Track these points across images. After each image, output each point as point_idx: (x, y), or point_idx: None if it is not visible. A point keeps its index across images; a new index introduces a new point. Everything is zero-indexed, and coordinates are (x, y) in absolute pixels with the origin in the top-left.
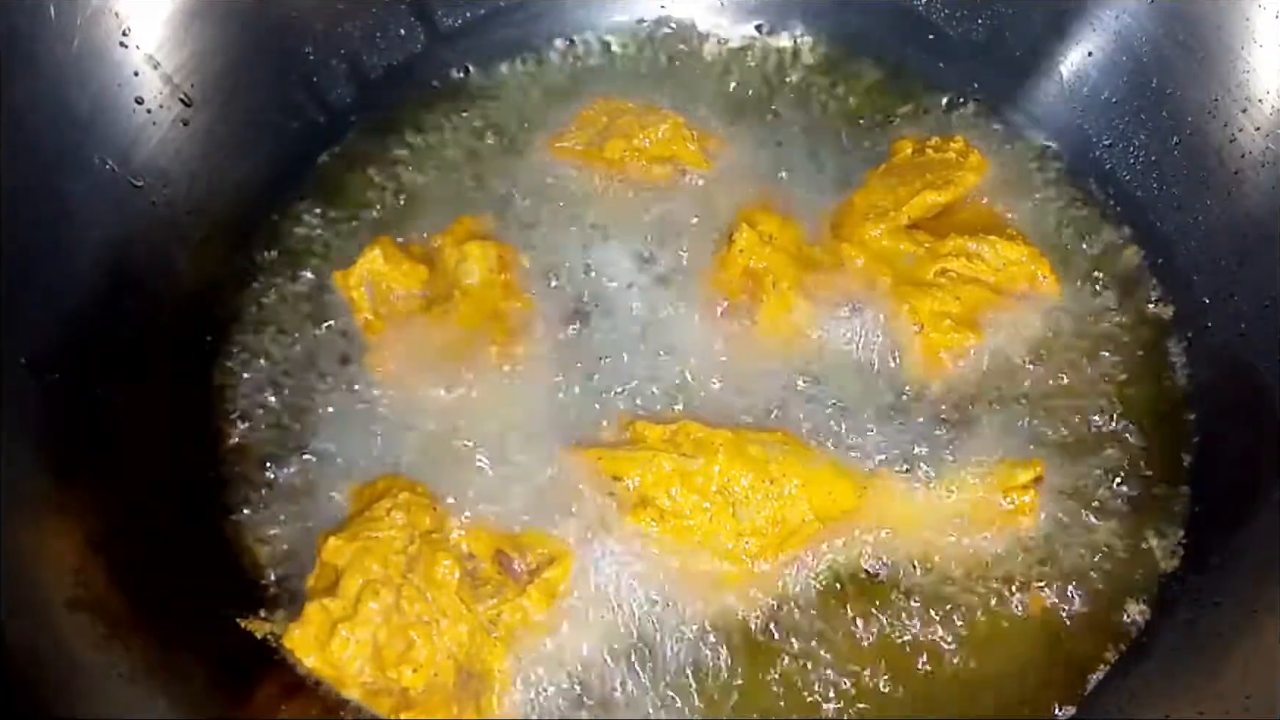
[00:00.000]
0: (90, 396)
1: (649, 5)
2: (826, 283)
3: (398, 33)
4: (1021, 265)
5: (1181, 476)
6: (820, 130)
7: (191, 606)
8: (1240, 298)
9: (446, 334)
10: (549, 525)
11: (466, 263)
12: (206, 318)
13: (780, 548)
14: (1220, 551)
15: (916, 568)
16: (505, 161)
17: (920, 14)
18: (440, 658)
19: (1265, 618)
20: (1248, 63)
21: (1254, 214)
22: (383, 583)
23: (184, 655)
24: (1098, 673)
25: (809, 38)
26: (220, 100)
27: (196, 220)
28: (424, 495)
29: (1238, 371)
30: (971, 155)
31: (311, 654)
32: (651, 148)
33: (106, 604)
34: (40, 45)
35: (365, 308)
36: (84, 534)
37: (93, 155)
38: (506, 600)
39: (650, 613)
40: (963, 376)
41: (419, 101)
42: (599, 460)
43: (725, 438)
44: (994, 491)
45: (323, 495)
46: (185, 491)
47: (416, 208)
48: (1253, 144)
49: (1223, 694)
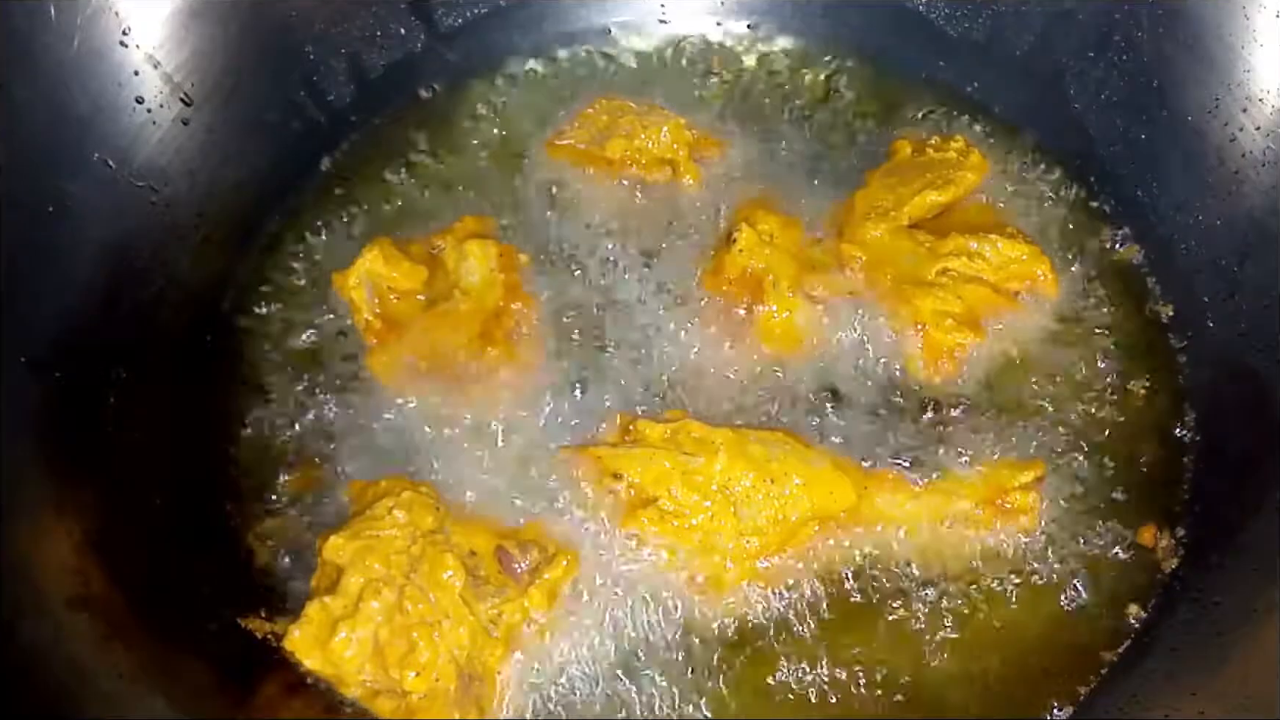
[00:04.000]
0: (90, 397)
1: (649, 5)
2: (827, 282)
3: (398, 32)
4: (1022, 264)
5: (1181, 476)
6: (820, 130)
7: (191, 606)
8: (1240, 298)
9: (447, 333)
10: (550, 524)
11: (467, 262)
12: (206, 318)
13: (781, 547)
14: (1220, 551)
15: (917, 567)
16: (506, 161)
17: (920, 14)
18: (442, 660)
19: (1265, 618)
20: (1248, 62)
21: (1254, 214)
22: (384, 581)
23: (184, 655)
24: (1098, 673)
25: (809, 38)
26: (220, 100)
27: (196, 220)
28: (427, 494)
29: (1238, 371)
30: (972, 155)
31: (312, 655)
32: (652, 148)
33: (106, 604)
34: (40, 45)
35: (364, 308)
36: (84, 534)
37: (93, 155)
38: (508, 600)
39: (651, 612)
40: (964, 376)
41: (419, 101)
42: (599, 459)
43: (726, 437)
44: (995, 491)
45: (324, 494)
46: (185, 491)
47: (417, 207)
48: (1253, 143)
49: (1223, 694)
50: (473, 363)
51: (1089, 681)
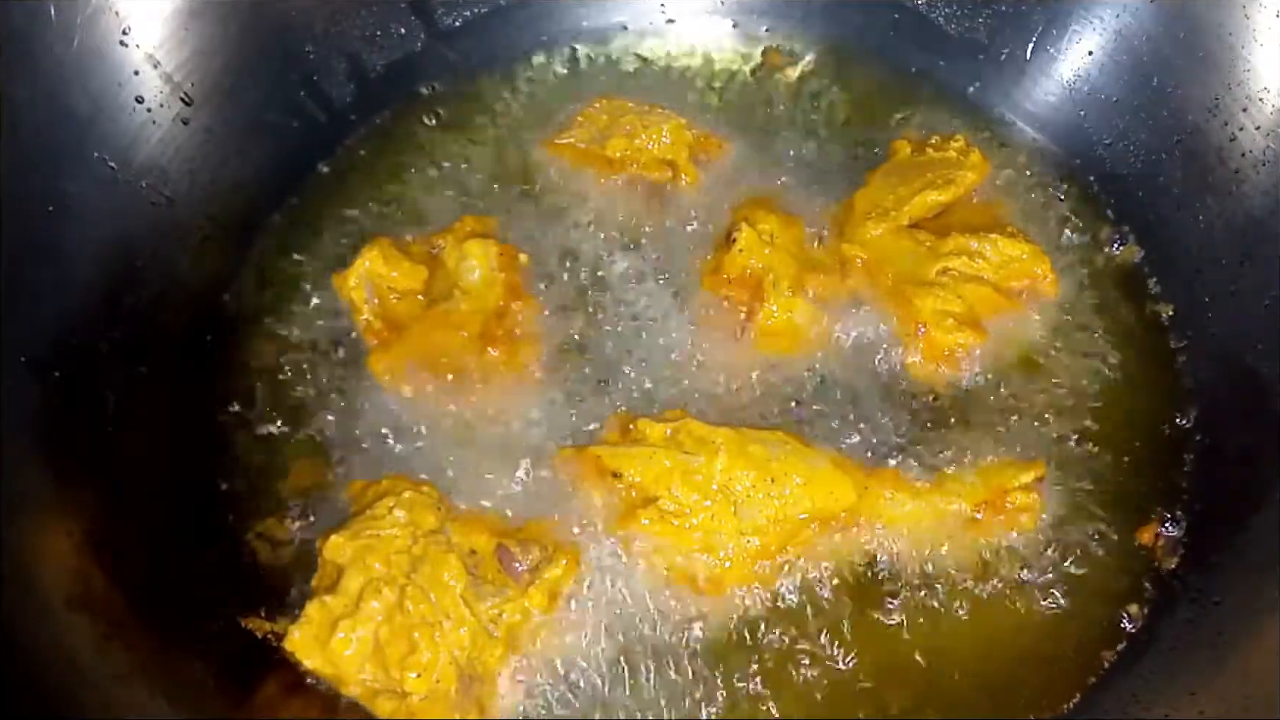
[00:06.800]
0: (90, 396)
1: (650, 5)
2: (827, 282)
3: (398, 32)
4: (1022, 263)
5: (1181, 476)
6: (820, 130)
7: (192, 606)
8: (1241, 297)
9: (447, 333)
10: (550, 523)
11: (468, 261)
12: (206, 318)
13: (781, 546)
14: (1220, 551)
15: (917, 567)
16: (506, 160)
17: (920, 14)
18: (443, 661)
19: (1265, 618)
20: (1248, 61)
21: (1254, 213)
22: (385, 581)
23: (184, 655)
24: (1098, 673)
25: (809, 38)
26: (220, 99)
27: (196, 220)
28: (428, 494)
29: (1238, 371)
30: (972, 154)
31: (312, 655)
32: (653, 148)
33: (106, 604)
34: (40, 45)
35: (364, 308)
36: (84, 534)
37: (93, 154)
38: (508, 600)
39: (651, 612)
40: (964, 375)
41: (419, 100)
42: (599, 458)
43: (726, 436)
44: (995, 491)
45: (324, 494)
46: (185, 491)
47: (417, 207)
48: (1253, 143)
49: (1223, 694)
50: (473, 363)
51: (1089, 681)
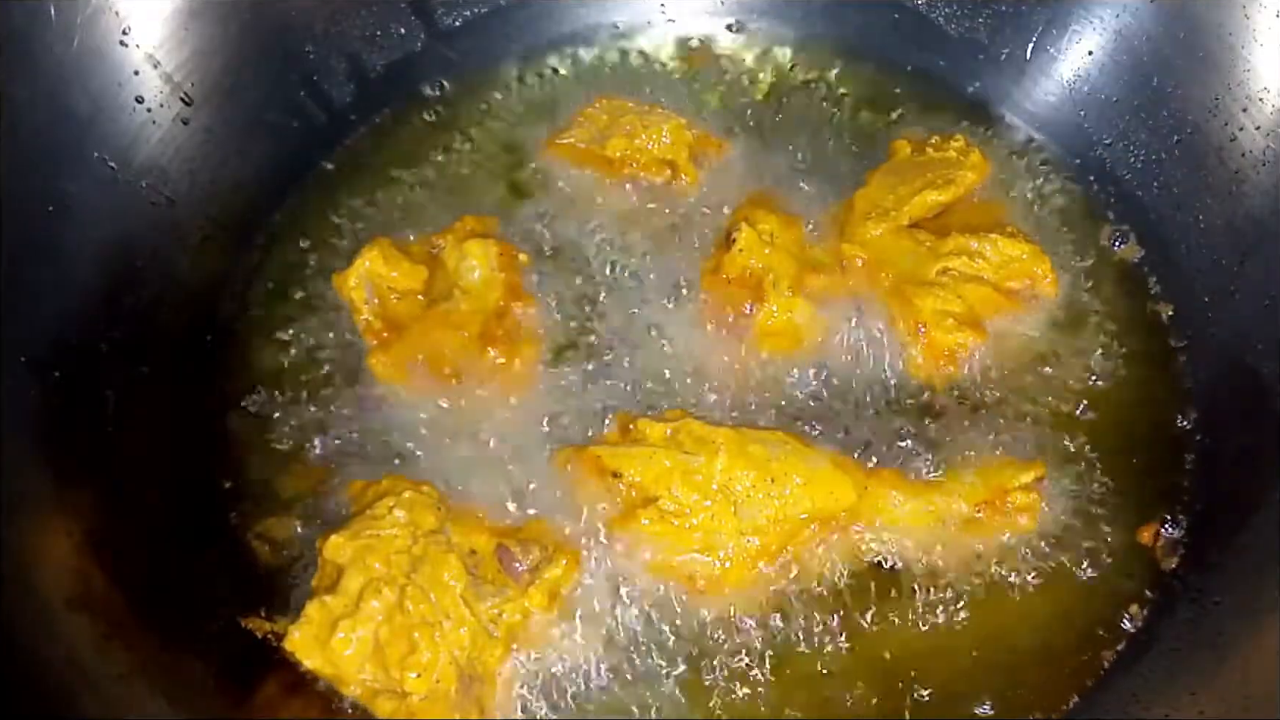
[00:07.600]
0: (90, 396)
1: (650, 5)
2: (827, 282)
3: (398, 32)
4: (1022, 263)
5: (1182, 476)
6: (820, 130)
7: (192, 606)
8: (1240, 297)
9: (447, 333)
10: (550, 523)
11: (468, 261)
12: (206, 318)
13: (781, 546)
14: (1220, 551)
15: (917, 567)
16: (506, 160)
17: (920, 13)
18: (443, 661)
19: (1265, 618)
20: (1248, 61)
21: (1254, 213)
22: (385, 581)
23: (184, 655)
24: (1098, 673)
25: (809, 38)
26: (220, 99)
27: (196, 220)
28: (428, 494)
29: (1238, 371)
30: (972, 154)
31: (312, 655)
32: (653, 148)
33: (106, 604)
34: (40, 45)
35: (364, 308)
36: (84, 534)
37: (93, 154)
38: (508, 600)
39: (651, 612)
40: (964, 375)
41: (419, 100)
42: (599, 458)
43: (726, 436)
44: (995, 491)
45: (324, 494)
46: (185, 491)
47: (417, 207)
48: (1253, 143)
49: (1223, 694)
50: (473, 363)
51: (1089, 681)
